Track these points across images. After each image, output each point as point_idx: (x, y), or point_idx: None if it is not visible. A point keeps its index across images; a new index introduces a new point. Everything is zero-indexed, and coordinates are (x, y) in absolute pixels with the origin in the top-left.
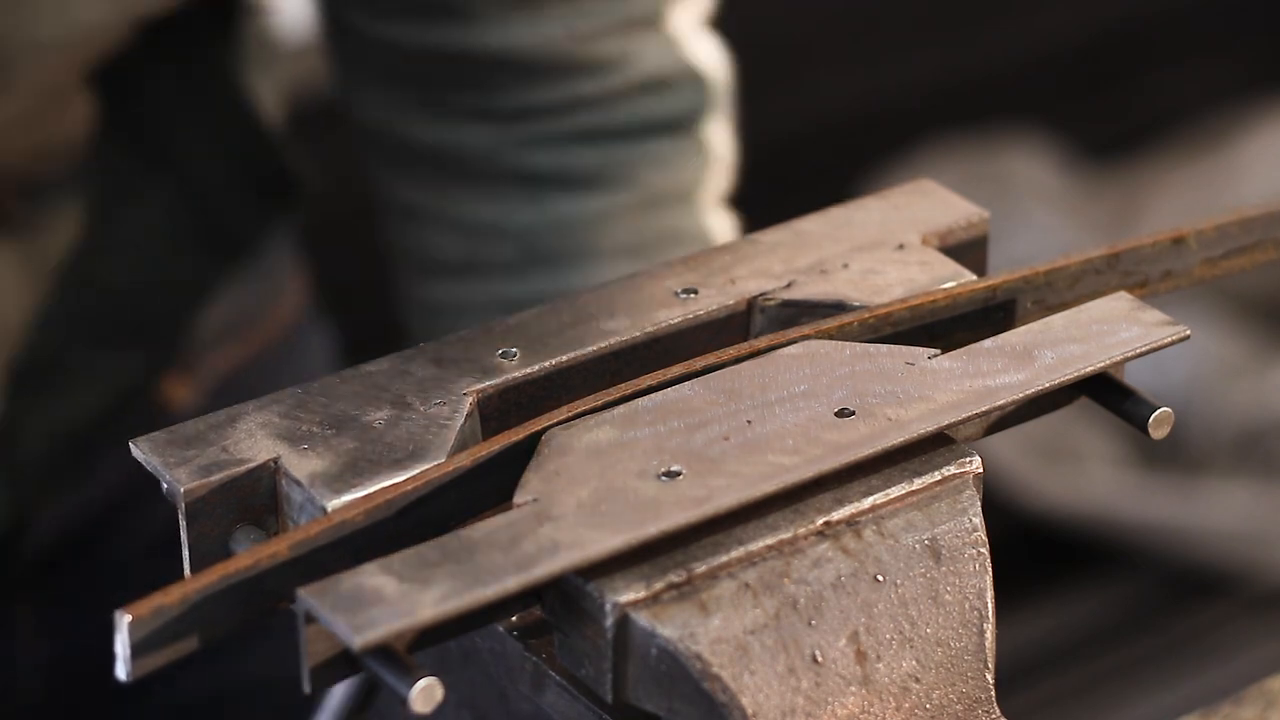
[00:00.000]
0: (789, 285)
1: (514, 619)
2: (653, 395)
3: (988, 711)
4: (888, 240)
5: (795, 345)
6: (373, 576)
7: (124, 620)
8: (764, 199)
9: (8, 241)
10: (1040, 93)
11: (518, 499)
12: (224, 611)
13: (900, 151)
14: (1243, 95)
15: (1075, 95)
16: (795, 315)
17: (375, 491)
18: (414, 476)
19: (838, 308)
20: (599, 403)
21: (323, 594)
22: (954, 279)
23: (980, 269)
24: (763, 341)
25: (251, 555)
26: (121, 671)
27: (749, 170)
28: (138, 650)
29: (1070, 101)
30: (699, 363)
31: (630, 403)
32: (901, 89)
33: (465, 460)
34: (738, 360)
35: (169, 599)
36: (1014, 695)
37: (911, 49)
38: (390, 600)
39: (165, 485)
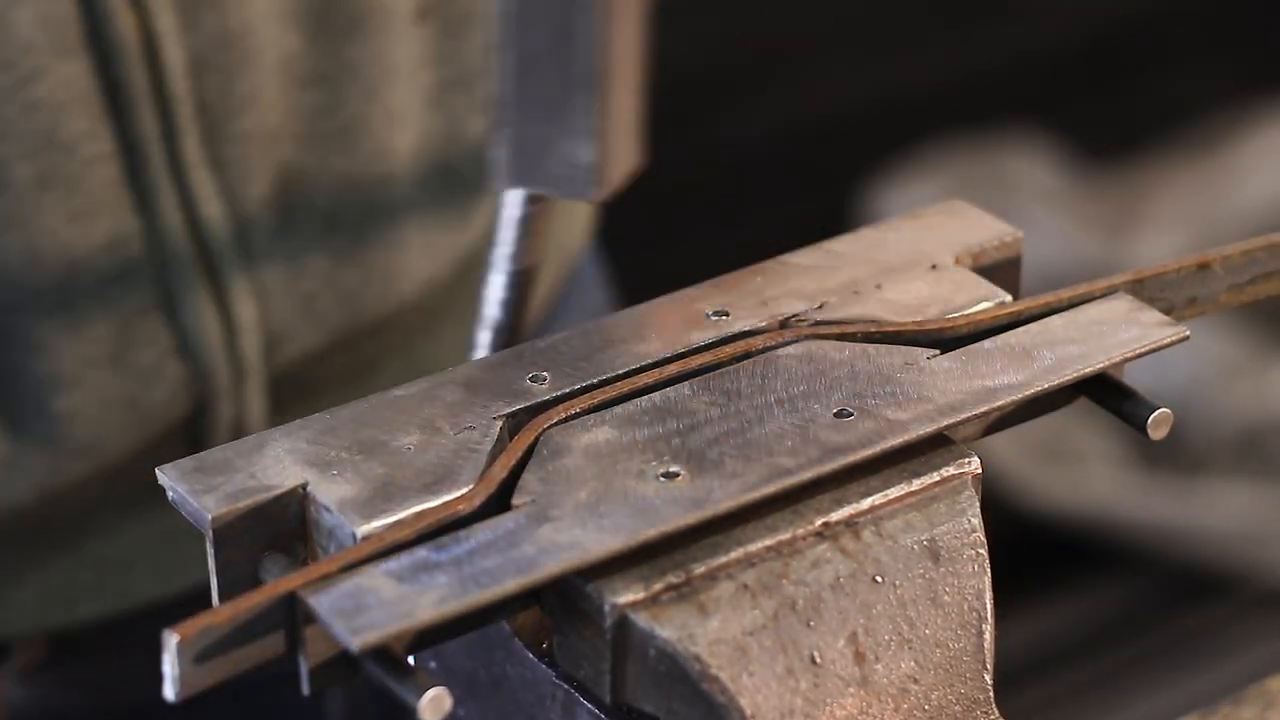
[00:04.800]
0: (821, 306)
1: (543, 645)
2: (651, 396)
3: (986, 712)
4: (921, 261)
5: (794, 346)
6: (371, 578)
7: (172, 640)
8: (764, 198)
9: None
10: (1040, 93)
11: (516, 500)
12: (274, 632)
13: (900, 151)
14: (1243, 95)
15: (1075, 95)
16: None
17: (419, 514)
18: (456, 499)
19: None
20: (597, 402)
21: (321, 595)
22: (988, 299)
23: (1014, 288)
24: (761, 342)
25: (302, 576)
26: (170, 691)
27: (749, 169)
28: (186, 670)
29: (1070, 101)
30: (696, 362)
31: (629, 403)
32: (901, 89)
33: (501, 470)
34: (736, 360)
35: (218, 619)
36: (1014, 695)
37: (912, 49)
38: (389, 601)
39: (192, 513)
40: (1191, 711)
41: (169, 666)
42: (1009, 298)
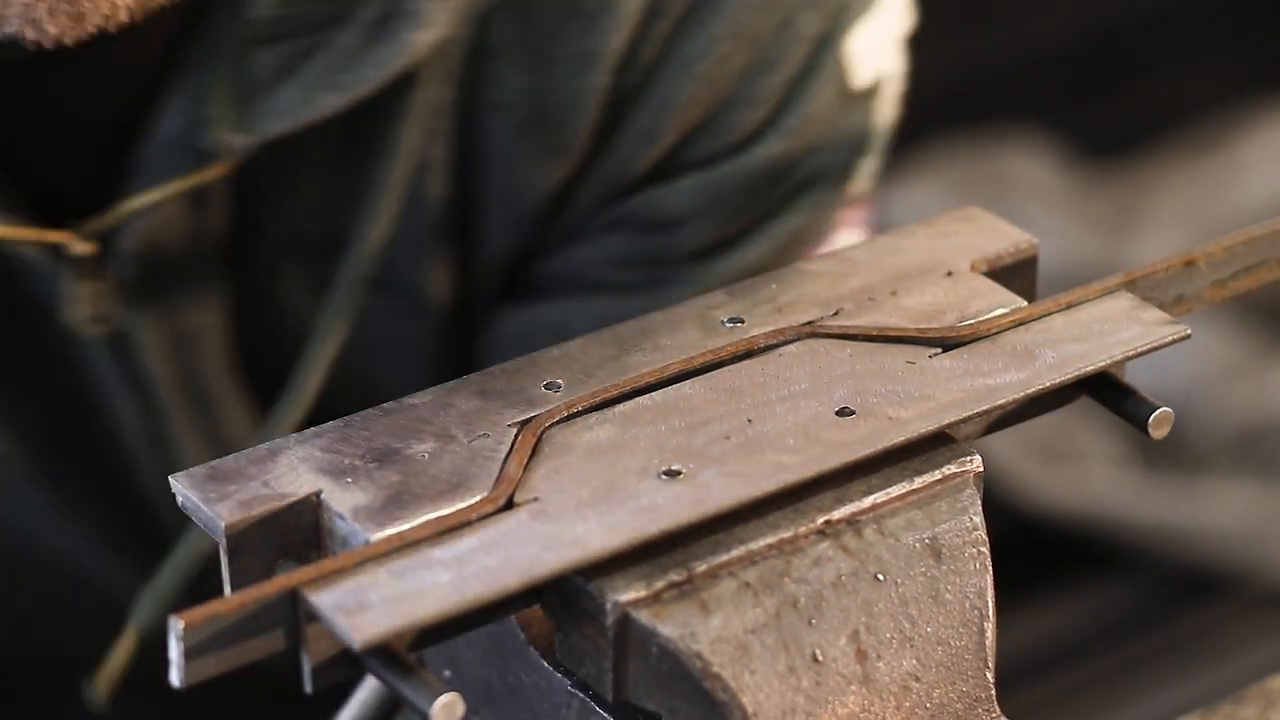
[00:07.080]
0: (836, 313)
1: (557, 654)
2: (653, 394)
3: (988, 710)
4: (936, 267)
5: (796, 344)
6: (374, 575)
7: (178, 625)
8: None
9: None
10: (1040, 93)
11: (518, 498)
12: (278, 628)
13: (900, 151)
14: (1243, 95)
15: (1075, 95)
16: None
17: (433, 521)
18: (482, 501)
19: None
20: (598, 400)
21: (323, 592)
22: (1004, 306)
23: (1029, 294)
24: (762, 339)
25: (315, 569)
26: (175, 677)
27: None
28: (191, 655)
29: (1070, 101)
30: (698, 360)
31: (630, 401)
32: (901, 89)
33: (518, 471)
34: (738, 358)
35: (225, 607)
36: (1014, 695)
37: (912, 49)
38: (391, 599)
39: (205, 520)
40: (1192, 711)
41: (174, 652)
42: (1025, 304)
